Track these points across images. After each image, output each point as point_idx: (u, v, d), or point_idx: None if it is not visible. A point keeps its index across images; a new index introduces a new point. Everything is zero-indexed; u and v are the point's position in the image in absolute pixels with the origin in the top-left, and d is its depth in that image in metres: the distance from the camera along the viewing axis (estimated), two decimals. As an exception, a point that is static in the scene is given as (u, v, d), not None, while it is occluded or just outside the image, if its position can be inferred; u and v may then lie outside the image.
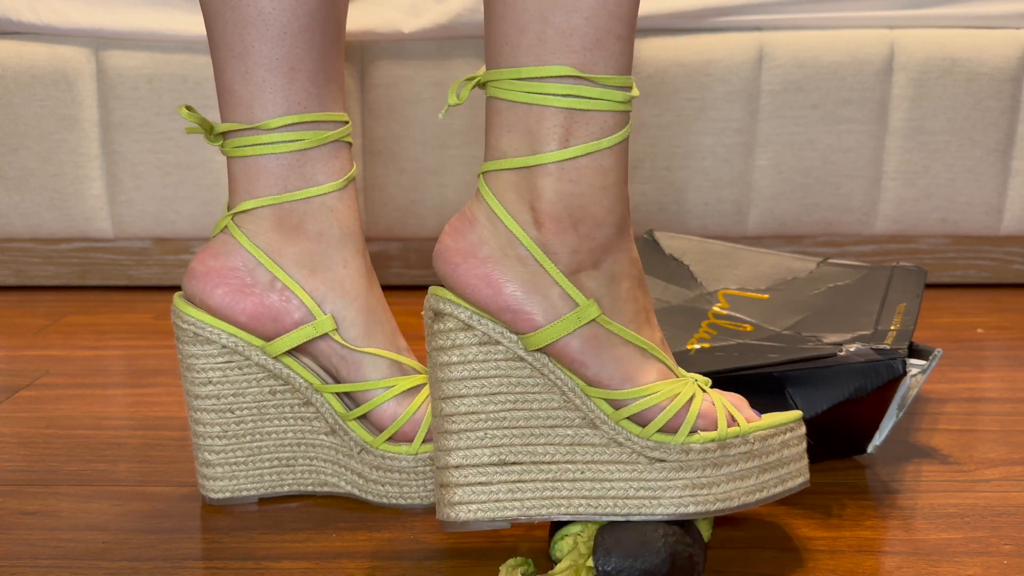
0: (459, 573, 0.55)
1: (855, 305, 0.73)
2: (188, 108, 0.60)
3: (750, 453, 0.54)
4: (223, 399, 0.61)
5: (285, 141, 0.60)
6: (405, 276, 1.23)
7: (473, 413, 0.51)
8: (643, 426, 0.52)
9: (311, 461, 0.63)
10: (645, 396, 0.52)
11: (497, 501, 0.52)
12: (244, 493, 0.63)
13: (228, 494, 0.63)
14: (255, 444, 0.62)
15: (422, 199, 1.20)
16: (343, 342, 0.61)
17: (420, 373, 0.63)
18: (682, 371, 0.56)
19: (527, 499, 0.52)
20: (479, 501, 0.52)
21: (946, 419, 0.77)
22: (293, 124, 0.60)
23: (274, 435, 0.63)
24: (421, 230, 1.21)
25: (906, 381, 0.64)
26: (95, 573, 0.55)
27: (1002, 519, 0.61)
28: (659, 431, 0.52)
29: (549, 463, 0.52)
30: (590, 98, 0.49)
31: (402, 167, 1.19)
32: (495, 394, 0.51)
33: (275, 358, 0.61)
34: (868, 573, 0.55)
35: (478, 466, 0.51)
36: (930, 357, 0.65)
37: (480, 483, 0.52)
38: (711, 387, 0.57)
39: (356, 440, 0.61)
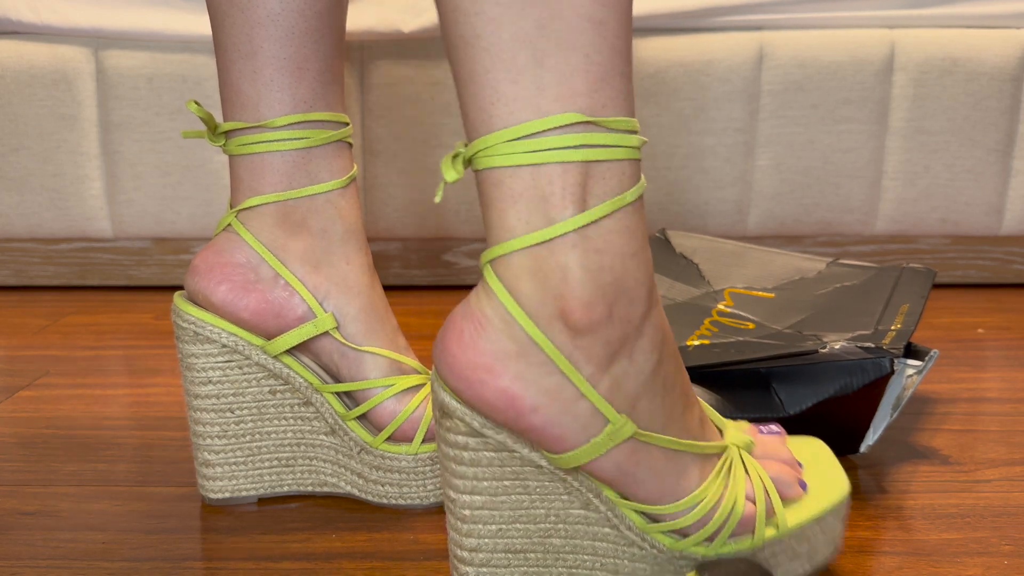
0: (459, 573, 0.55)
1: (859, 305, 0.73)
2: (196, 103, 0.60)
3: (783, 548, 0.50)
4: (223, 399, 0.61)
5: (291, 139, 0.60)
6: (405, 276, 1.23)
7: (486, 509, 0.47)
8: (676, 539, 0.47)
9: (311, 461, 0.63)
10: (684, 513, 0.47)
11: None
12: (243, 493, 0.63)
13: (228, 494, 0.63)
14: (255, 444, 0.62)
15: (422, 199, 1.20)
16: (343, 340, 0.61)
17: (420, 373, 0.63)
18: (721, 422, 0.51)
19: None
20: None
21: (946, 419, 0.77)
22: (299, 123, 0.60)
23: (274, 435, 0.63)
24: (421, 230, 1.21)
25: (898, 380, 0.64)
26: (95, 573, 0.55)
27: (1002, 519, 0.60)
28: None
29: (567, 554, 0.49)
30: (604, 146, 0.42)
31: (402, 167, 1.19)
32: (510, 494, 0.47)
33: (275, 357, 0.61)
34: (868, 573, 0.54)
35: (492, 552, 0.49)
36: (926, 358, 0.65)
37: (493, 567, 0.49)
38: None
39: (356, 440, 0.61)
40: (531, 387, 0.44)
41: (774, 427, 0.55)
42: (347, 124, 0.62)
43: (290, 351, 0.61)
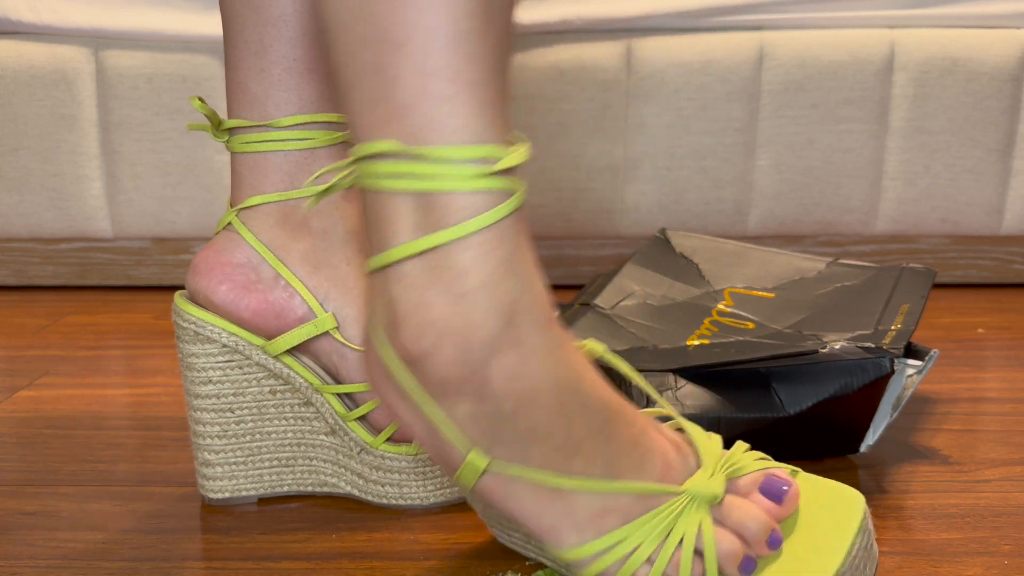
0: (459, 573, 0.54)
1: (859, 305, 0.73)
2: (200, 100, 0.60)
3: None
4: (223, 399, 0.61)
5: (295, 139, 0.60)
6: (405, 276, 1.23)
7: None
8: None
9: (311, 461, 0.63)
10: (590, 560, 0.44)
11: None
12: (244, 493, 0.63)
13: (228, 494, 0.63)
14: (255, 444, 0.62)
15: (422, 199, 1.20)
16: (343, 340, 0.61)
17: (420, 373, 0.63)
18: (701, 460, 0.46)
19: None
20: None
21: (946, 419, 0.77)
22: (305, 123, 0.60)
23: (274, 435, 0.63)
24: (421, 230, 1.21)
25: (898, 380, 0.64)
26: (95, 573, 0.55)
27: (1002, 519, 0.60)
28: None
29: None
30: (418, 177, 0.39)
31: (402, 167, 1.19)
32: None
33: (275, 357, 0.61)
34: (868, 573, 0.54)
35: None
36: (926, 358, 0.65)
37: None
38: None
39: (356, 440, 0.61)
40: (408, 407, 0.44)
41: (785, 486, 0.47)
42: (351, 125, 0.62)
43: (290, 351, 0.61)
